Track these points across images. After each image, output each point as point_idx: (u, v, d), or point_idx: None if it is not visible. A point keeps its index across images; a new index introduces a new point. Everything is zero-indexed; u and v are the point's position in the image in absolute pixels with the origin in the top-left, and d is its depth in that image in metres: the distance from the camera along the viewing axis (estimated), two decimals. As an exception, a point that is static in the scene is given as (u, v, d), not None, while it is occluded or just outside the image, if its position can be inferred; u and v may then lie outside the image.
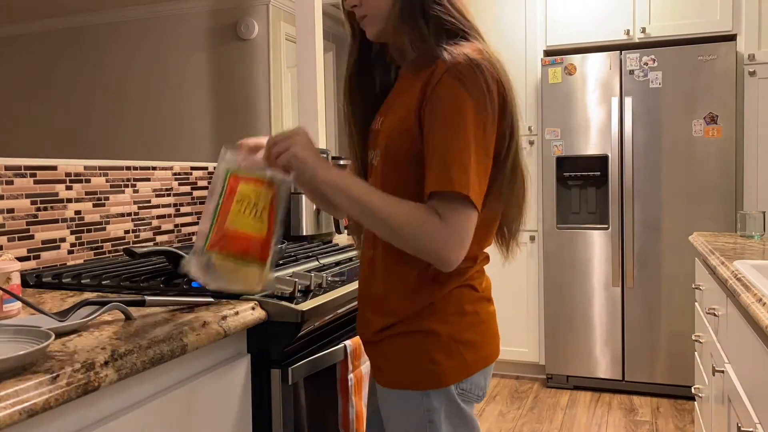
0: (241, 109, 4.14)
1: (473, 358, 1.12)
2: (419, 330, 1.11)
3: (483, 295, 1.17)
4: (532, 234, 3.66)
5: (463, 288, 1.13)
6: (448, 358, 1.10)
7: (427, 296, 1.11)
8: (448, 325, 1.11)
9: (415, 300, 1.11)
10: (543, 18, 3.63)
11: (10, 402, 0.75)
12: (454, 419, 1.12)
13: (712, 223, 3.30)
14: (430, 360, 1.09)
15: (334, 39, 4.80)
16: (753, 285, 1.39)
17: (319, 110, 2.84)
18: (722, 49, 3.24)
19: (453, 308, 1.12)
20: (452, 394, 1.11)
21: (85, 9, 4.46)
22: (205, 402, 1.13)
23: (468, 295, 1.14)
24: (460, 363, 1.11)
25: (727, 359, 1.75)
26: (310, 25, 2.81)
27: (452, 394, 1.11)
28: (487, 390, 1.20)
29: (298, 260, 1.68)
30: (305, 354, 1.36)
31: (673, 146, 3.34)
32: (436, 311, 1.11)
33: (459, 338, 1.11)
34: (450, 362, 1.10)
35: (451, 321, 1.11)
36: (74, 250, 1.71)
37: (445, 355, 1.10)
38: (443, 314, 1.11)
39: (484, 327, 1.16)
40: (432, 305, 1.11)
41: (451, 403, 1.11)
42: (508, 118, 1.07)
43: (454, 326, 1.11)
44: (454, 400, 1.11)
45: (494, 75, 1.04)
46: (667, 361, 3.39)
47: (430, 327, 1.10)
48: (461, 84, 1.01)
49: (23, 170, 1.58)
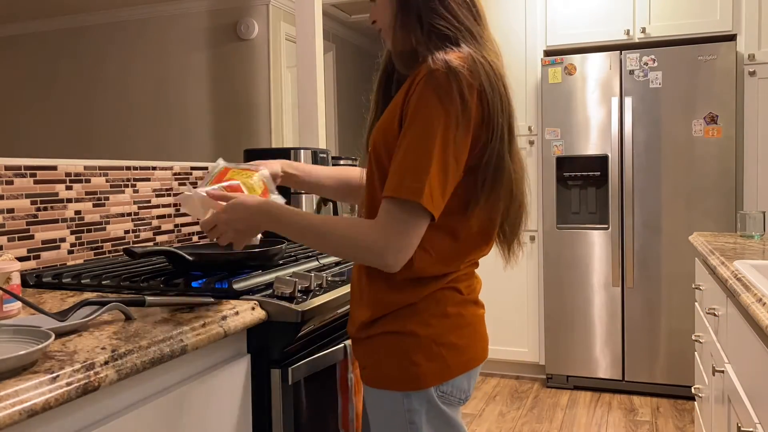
0: (241, 109, 4.14)
1: (455, 361, 1.12)
2: (400, 331, 1.12)
3: (468, 298, 1.17)
4: (532, 234, 3.66)
5: (446, 290, 1.14)
6: (428, 360, 1.11)
7: (409, 295, 1.12)
8: (430, 327, 1.12)
9: (396, 297, 1.12)
10: (543, 18, 3.63)
11: (10, 402, 0.75)
12: (435, 421, 1.12)
13: (712, 223, 3.30)
14: (410, 361, 1.10)
15: (334, 39, 4.80)
16: (753, 285, 1.39)
17: (319, 110, 2.84)
18: (722, 49, 3.24)
19: (435, 310, 1.12)
20: (432, 396, 1.11)
21: (85, 9, 4.46)
22: (206, 402, 1.14)
23: (451, 298, 1.14)
24: (440, 365, 1.11)
25: (727, 359, 1.75)
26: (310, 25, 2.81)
27: (432, 397, 1.11)
28: (471, 392, 1.19)
29: (298, 260, 1.69)
30: (305, 354, 1.36)
31: (673, 146, 3.34)
32: (418, 312, 1.12)
33: (440, 341, 1.12)
34: (430, 364, 1.11)
35: (432, 323, 1.12)
36: (74, 250, 1.71)
37: (425, 357, 1.10)
38: (425, 316, 1.12)
39: (470, 330, 1.16)
40: (413, 306, 1.12)
41: (431, 405, 1.12)
42: (487, 124, 1.07)
43: (435, 328, 1.12)
44: (435, 402, 1.12)
45: (472, 83, 1.04)
46: (667, 361, 3.39)
47: (410, 328, 1.11)
48: (435, 92, 1.02)
49: (23, 170, 1.58)
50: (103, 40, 4.53)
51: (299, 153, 2.18)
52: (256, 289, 1.34)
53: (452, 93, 1.02)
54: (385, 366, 1.13)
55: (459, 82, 1.02)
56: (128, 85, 4.47)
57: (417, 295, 1.12)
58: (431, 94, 1.03)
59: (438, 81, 1.02)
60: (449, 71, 1.02)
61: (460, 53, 1.07)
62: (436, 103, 1.02)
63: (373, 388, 1.16)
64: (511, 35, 3.67)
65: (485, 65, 1.07)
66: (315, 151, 2.22)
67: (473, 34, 1.11)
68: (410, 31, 1.12)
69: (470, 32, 1.11)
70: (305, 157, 2.19)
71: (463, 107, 1.02)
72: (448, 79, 1.02)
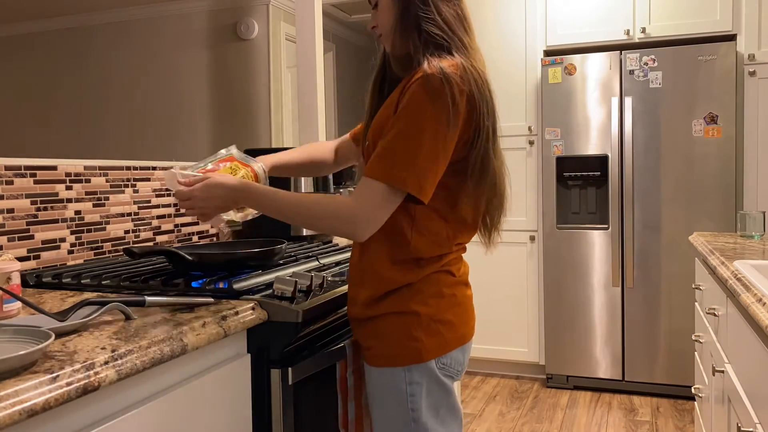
0: (241, 109, 4.14)
1: (451, 336, 1.26)
2: (403, 311, 1.23)
3: (460, 280, 1.31)
4: (532, 234, 3.66)
5: (441, 273, 1.26)
6: (428, 335, 1.23)
7: (408, 275, 1.24)
8: (428, 306, 1.24)
9: (396, 275, 1.24)
10: (543, 18, 3.63)
11: (10, 402, 0.75)
12: (435, 393, 1.24)
13: (712, 223, 3.30)
14: (412, 338, 1.22)
15: (334, 39, 4.81)
16: (753, 285, 1.39)
17: (319, 110, 2.84)
18: (722, 49, 3.24)
19: (432, 291, 1.25)
20: (433, 368, 1.23)
21: (85, 9, 4.46)
22: (205, 402, 1.14)
23: (445, 280, 1.27)
24: (439, 340, 1.24)
25: (727, 359, 1.75)
26: (310, 25, 2.81)
27: (433, 369, 1.23)
28: (465, 367, 1.32)
29: (298, 260, 1.69)
30: (305, 354, 1.36)
31: (673, 146, 3.34)
32: (417, 292, 1.24)
33: (438, 318, 1.24)
34: (430, 339, 1.23)
35: (430, 303, 1.24)
36: (74, 250, 1.72)
37: (426, 333, 1.23)
38: (423, 296, 1.24)
39: (461, 309, 1.29)
40: (411, 286, 1.24)
41: (432, 377, 1.23)
42: (474, 125, 1.19)
43: (433, 308, 1.24)
44: (435, 374, 1.24)
45: (463, 89, 1.16)
46: (667, 361, 3.39)
47: (411, 308, 1.23)
48: (427, 94, 1.14)
49: (23, 170, 1.58)
50: (103, 40, 4.53)
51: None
52: (256, 289, 1.35)
53: (445, 96, 1.14)
54: (390, 344, 1.24)
55: (451, 87, 1.14)
56: (128, 84, 4.47)
57: (416, 275, 1.24)
58: (424, 95, 1.14)
59: (432, 84, 1.14)
60: (443, 76, 1.14)
61: (453, 61, 1.18)
62: (428, 103, 1.14)
63: (375, 368, 1.26)
64: (511, 35, 3.67)
65: (474, 73, 1.19)
66: (315, 151, 2.21)
67: (464, 45, 1.24)
68: (408, 38, 1.24)
69: (462, 42, 1.23)
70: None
71: (454, 109, 1.14)
72: (441, 83, 1.14)
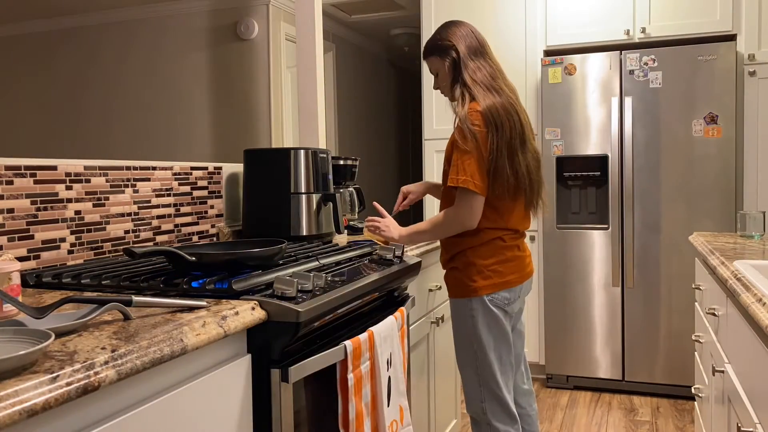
0: (241, 109, 4.14)
1: (499, 281, 1.92)
2: (467, 263, 1.93)
3: (512, 244, 1.95)
4: (532, 234, 3.66)
5: (495, 240, 1.93)
6: (482, 279, 1.91)
7: (470, 241, 1.93)
8: (483, 259, 1.92)
9: (463, 242, 1.94)
10: (543, 18, 3.63)
11: (10, 402, 0.75)
12: (487, 317, 1.91)
13: (712, 223, 3.30)
14: (471, 280, 1.92)
15: (334, 39, 4.80)
16: (753, 285, 1.39)
17: (319, 110, 2.84)
18: (722, 49, 3.24)
19: (487, 251, 1.92)
20: (485, 300, 1.91)
21: (84, 9, 4.46)
22: (205, 402, 1.14)
23: (498, 244, 1.93)
24: (489, 282, 1.91)
25: (727, 359, 1.75)
26: (310, 25, 2.81)
27: (485, 301, 1.91)
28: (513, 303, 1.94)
29: (298, 260, 1.68)
30: (305, 354, 1.36)
31: (673, 146, 3.34)
32: (477, 251, 1.93)
33: (490, 268, 1.92)
34: (483, 281, 1.91)
35: (485, 257, 1.92)
36: (74, 250, 1.72)
37: (481, 277, 1.91)
38: (480, 253, 1.92)
39: (509, 264, 1.94)
40: (473, 248, 1.93)
41: (484, 306, 1.91)
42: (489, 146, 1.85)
43: (487, 261, 1.92)
44: (486, 304, 1.91)
45: (481, 129, 1.83)
46: (667, 361, 3.39)
47: (472, 261, 1.93)
48: (459, 131, 1.87)
49: (23, 170, 1.58)
50: (103, 40, 4.53)
51: (299, 153, 2.17)
52: (256, 289, 1.34)
53: (465, 131, 1.85)
54: (458, 284, 1.95)
55: (470, 124, 1.84)
56: (128, 84, 4.47)
57: (477, 241, 1.92)
58: (458, 132, 1.87)
59: (460, 129, 1.86)
60: (465, 117, 1.86)
61: (477, 107, 1.86)
62: (462, 140, 1.85)
63: (453, 299, 1.97)
64: (510, 35, 3.67)
65: (487, 111, 1.85)
66: (315, 151, 2.21)
67: (494, 89, 1.91)
68: (455, 92, 1.96)
69: (491, 88, 1.90)
70: (305, 157, 2.19)
71: (473, 137, 1.83)
72: (463, 122, 1.86)
